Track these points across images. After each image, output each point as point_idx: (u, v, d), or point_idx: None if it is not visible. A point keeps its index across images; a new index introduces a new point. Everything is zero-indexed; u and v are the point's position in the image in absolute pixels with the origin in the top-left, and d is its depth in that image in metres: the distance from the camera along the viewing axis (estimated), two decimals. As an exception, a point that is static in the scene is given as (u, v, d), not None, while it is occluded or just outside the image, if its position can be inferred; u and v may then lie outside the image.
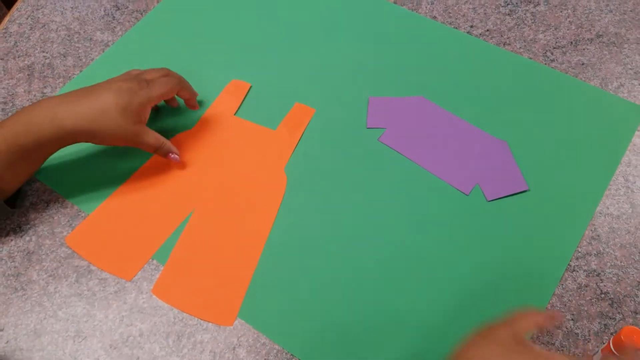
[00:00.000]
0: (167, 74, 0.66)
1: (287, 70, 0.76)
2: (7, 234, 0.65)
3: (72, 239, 0.64)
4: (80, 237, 0.64)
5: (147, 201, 0.66)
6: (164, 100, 0.71)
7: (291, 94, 0.74)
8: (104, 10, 0.84)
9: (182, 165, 0.68)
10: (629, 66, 0.74)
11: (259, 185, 0.67)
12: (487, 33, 0.77)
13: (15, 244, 0.64)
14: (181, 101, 0.73)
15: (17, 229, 0.65)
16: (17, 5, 0.86)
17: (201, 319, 0.59)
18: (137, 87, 0.62)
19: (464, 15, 0.79)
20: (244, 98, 0.73)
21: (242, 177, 0.67)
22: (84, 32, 0.82)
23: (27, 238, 0.64)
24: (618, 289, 0.59)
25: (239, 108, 0.73)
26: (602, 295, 0.59)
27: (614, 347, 0.50)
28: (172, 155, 0.66)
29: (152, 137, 0.63)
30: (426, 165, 0.67)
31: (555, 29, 0.77)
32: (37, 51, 0.80)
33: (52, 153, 0.62)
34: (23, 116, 0.58)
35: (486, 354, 0.44)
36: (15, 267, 0.63)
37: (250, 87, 0.74)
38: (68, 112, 0.58)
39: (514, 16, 0.79)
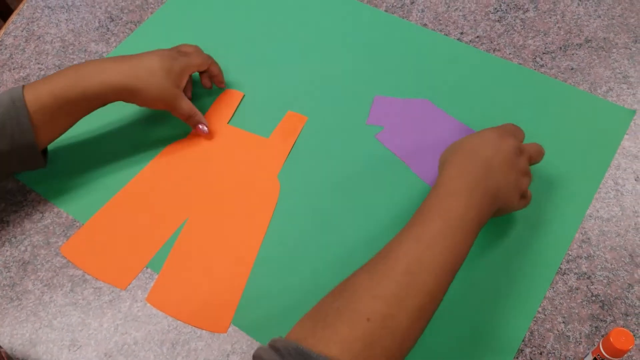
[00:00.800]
0: (199, 49, 0.72)
1: (280, 78, 0.77)
2: (3, 244, 0.65)
3: (67, 248, 0.65)
4: (75, 246, 0.65)
5: (141, 210, 0.67)
6: (201, 79, 0.75)
7: (284, 102, 0.75)
8: (99, 22, 0.85)
9: (210, 135, 0.71)
10: (618, 70, 0.74)
11: (252, 192, 0.67)
12: (477, 39, 0.78)
13: (10, 254, 0.65)
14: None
15: (13, 239, 0.66)
16: (13, 18, 0.87)
17: (195, 327, 0.59)
18: (177, 55, 0.67)
19: (454, 22, 0.80)
20: (237, 107, 0.74)
21: (235, 185, 0.68)
22: (79, 43, 0.83)
23: (23, 248, 0.65)
24: (608, 291, 0.60)
25: (232, 117, 0.73)
26: (593, 298, 0.59)
27: (603, 349, 0.50)
28: (201, 127, 0.70)
29: (187, 104, 0.68)
30: (416, 169, 0.67)
31: (545, 34, 0.78)
32: (32, 63, 0.81)
33: (94, 109, 0.64)
34: (71, 71, 0.62)
35: (485, 133, 0.57)
36: (10, 277, 0.63)
37: (243, 96, 0.75)
38: (116, 69, 0.62)
39: (504, 22, 0.80)
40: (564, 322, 0.58)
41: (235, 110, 0.74)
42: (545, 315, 0.59)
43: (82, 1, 0.88)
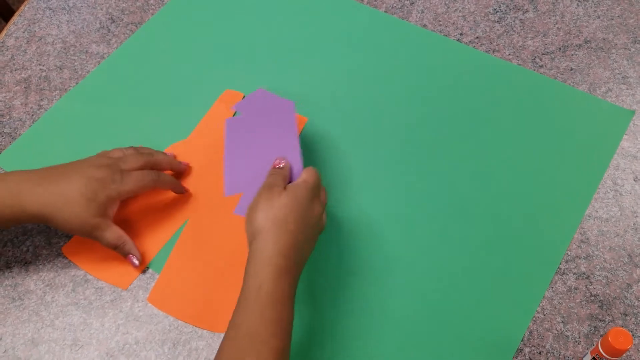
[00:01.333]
0: (145, 165, 0.63)
1: (280, 79, 0.77)
2: (5, 245, 0.66)
3: (68, 248, 0.65)
4: (76, 246, 0.65)
5: (142, 210, 0.67)
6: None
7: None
8: (100, 23, 0.85)
9: (140, 268, 0.63)
10: (617, 71, 0.75)
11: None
12: (476, 40, 0.79)
13: (12, 255, 0.65)
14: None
15: (15, 240, 0.66)
16: (14, 19, 0.87)
17: (196, 327, 0.59)
18: (109, 178, 0.59)
19: (453, 23, 0.80)
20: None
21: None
22: (80, 44, 0.83)
23: (24, 248, 0.65)
24: (607, 291, 0.60)
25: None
26: (592, 298, 0.60)
27: (602, 348, 0.50)
28: (132, 258, 0.62)
29: (113, 233, 0.60)
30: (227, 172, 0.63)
31: (544, 35, 0.78)
32: (33, 64, 0.81)
33: (5, 229, 0.60)
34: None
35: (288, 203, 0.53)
36: (12, 277, 0.64)
37: (243, 96, 0.75)
38: (32, 194, 0.57)
39: (503, 23, 0.80)
40: (563, 322, 0.58)
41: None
42: (544, 315, 0.59)
43: (83, 2, 0.88)
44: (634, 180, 0.66)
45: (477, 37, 0.79)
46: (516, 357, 0.57)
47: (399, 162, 0.69)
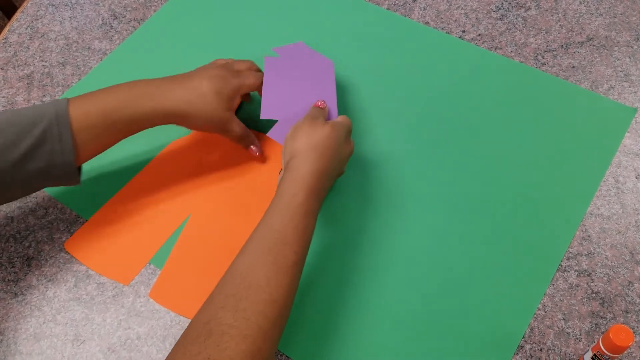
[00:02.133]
0: (253, 67, 0.69)
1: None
2: (7, 240, 0.66)
3: (71, 244, 0.65)
4: (79, 242, 0.65)
5: (145, 206, 0.67)
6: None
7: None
8: (102, 20, 0.86)
9: (262, 159, 0.70)
10: (619, 69, 0.75)
11: (255, 188, 0.68)
12: (478, 37, 0.79)
13: (15, 250, 0.65)
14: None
15: (17, 235, 0.66)
16: (17, 15, 0.87)
17: None
18: (230, 75, 0.64)
19: (455, 21, 0.80)
20: (241, 103, 0.74)
21: (238, 180, 0.68)
22: (82, 41, 0.83)
23: (27, 244, 0.66)
24: (609, 288, 0.60)
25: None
26: (593, 295, 0.60)
27: (603, 345, 0.50)
28: (254, 149, 0.68)
29: (239, 127, 0.66)
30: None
31: (546, 32, 0.78)
32: (36, 60, 0.81)
33: (139, 131, 0.62)
34: (122, 92, 0.60)
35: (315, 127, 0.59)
36: (15, 273, 0.64)
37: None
38: (167, 93, 0.61)
39: (505, 21, 0.80)
40: (564, 319, 0.58)
41: (239, 106, 0.74)
42: (545, 312, 0.59)
43: (86, -1, 0.88)
44: (636, 178, 0.66)
45: (479, 35, 0.79)
46: (517, 354, 0.57)
47: (397, 160, 0.69)
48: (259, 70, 0.69)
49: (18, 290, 0.63)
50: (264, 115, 0.65)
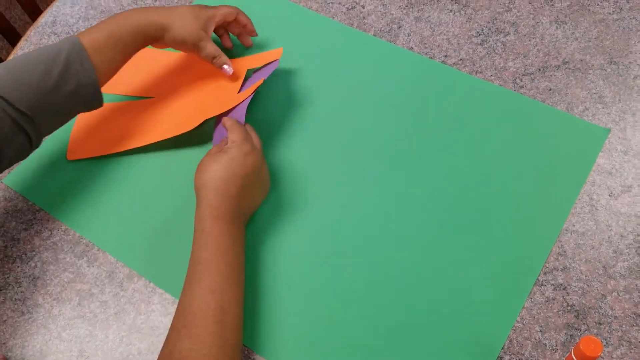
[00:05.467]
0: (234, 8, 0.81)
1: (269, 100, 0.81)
2: (14, 261, 0.69)
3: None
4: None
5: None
6: (224, 38, 0.85)
7: (267, 124, 0.78)
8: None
9: (234, 77, 0.78)
10: (593, 91, 0.79)
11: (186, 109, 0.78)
12: (460, 62, 0.83)
13: (21, 270, 0.69)
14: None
15: (23, 256, 0.70)
16: (21, 44, 0.91)
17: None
18: (207, 7, 0.77)
19: (438, 46, 0.85)
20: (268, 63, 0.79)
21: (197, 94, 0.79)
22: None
23: (33, 264, 0.69)
24: (583, 301, 0.64)
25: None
26: (569, 308, 0.63)
27: (575, 356, 0.54)
28: (226, 67, 0.76)
29: (212, 46, 0.75)
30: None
31: (524, 57, 0.82)
32: (39, 87, 0.85)
33: (140, 48, 0.73)
34: (119, 15, 0.71)
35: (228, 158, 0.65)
36: (22, 292, 0.67)
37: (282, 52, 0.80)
38: (155, 10, 0.73)
39: (485, 46, 0.84)
40: (541, 331, 0.62)
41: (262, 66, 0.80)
42: (523, 324, 0.63)
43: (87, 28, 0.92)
44: (609, 196, 0.70)
45: (460, 59, 0.83)
46: (496, 364, 0.60)
47: (380, 178, 0.73)
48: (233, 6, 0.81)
49: (25, 308, 0.66)
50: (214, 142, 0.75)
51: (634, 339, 0.61)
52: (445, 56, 0.83)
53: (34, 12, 1.12)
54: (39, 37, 0.91)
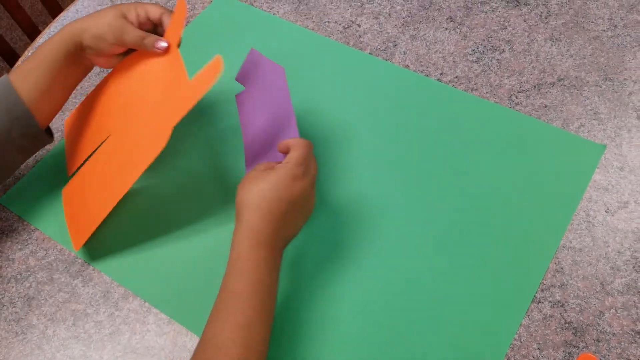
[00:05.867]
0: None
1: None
2: (9, 281, 0.69)
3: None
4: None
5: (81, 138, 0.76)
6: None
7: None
8: (101, 69, 0.90)
9: (168, 49, 0.69)
10: (589, 107, 0.79)
11: (142, 133, 0.68)
12: (456, 80, 0.83)
13: (16, 290, 0.68)
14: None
15: (18, 276, 0.69)
16: (18, 64, 0.92)
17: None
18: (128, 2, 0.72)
19: (434, 64, 0.85)
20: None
21: (135, 117, 0.70)
22: (82, 88, 0.87)
23: (27, 284, 0.69)
24: (581, 318, 0.63)
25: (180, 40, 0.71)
26: (566, 325, 0.63)
27: (573, 374, 0.54)
28: (159, 44, 0.69)
29: (135, 31, 0.69)
30: (245, 141, 0.72)
31: (520, 74, 0.83)
32: (37, 107, 0.85)
33: (79, 71, 0.71)
34: (48, 40, 0.69)
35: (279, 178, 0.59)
36: (16, 312, 0.67)
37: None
38: (74, 22, 0.69)
39: (481, 63, 0.84)
40: (539, 349, 0.62)
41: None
42: (521, 342, 0.62)
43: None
44: (606, 212, 0.70)
45: (456, 77, 0.83)
46: (494, 383, 0.60)
47: (373, 194, 0.73)
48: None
49: (19, 329, 0.66)
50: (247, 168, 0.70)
51: (633, 356, 0.60)
52: (441, 74, 0.84)
53: (34, 33, 1.13)
54: (37, 58, 0.92)
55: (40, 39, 0.94)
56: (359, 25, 0.91)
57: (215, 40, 0.92)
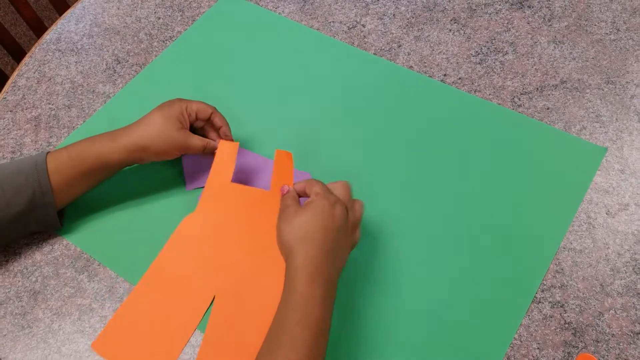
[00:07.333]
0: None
1: (272, 120, 0.82)
2: (15, 275, 0.70)
3: (98, 344, 0.64)
4: (106, 341, 0.64)
5: (167, 295, 0.67)
6: (208, 140, 0.73)
7: (277, 144, 0.79)
8: (106, 64, 0.91)
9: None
10: (591, 110, 0.80)
11: (271, 258, 0.66)
12: (459, 81, 0.84)
13: (22, 285, 0.69)
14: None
15: (24, 270, 0.70)
16: (25, 60, 0.92)
17: None
18: (176, 100, 0.71)
19: (438, 65, 0.86)
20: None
21: (258, 250, 0.68)
22: (87, 84, 0.88)
23: (34, 279, 0.69)
24: (580, 319, 0.64)
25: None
26: (566, 325, 0.64)
27: (572, 373, 0.54)
28: (218, 144, 0.72)
29: (197, 139, 0.71)
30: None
31: (522, 76, 0.84)
32: (43, 103, 0.86)
33: (107, 174, 0.69)
34: (88, 139, 0.68)
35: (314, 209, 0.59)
36: (22, 307, 0.68)
37: (239, 144, 0.74)
38: (124, 132, 0.68)
39: (484, 65, 0.85)
40: (538, 348, 0.62)
41: (234, 165, 0.72)
42: (521, 341, 0.63)
43: (91, 45, 0.94)
44: (606, 214, 0.71)
45: (459, 78, 0.84)
46: (494, 382, 0.60)
47: (376, 194, 0.73)
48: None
49: (25, 323, 0.66)
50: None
51: (631, 356, 0.61)
52: (445, 75, 0.85)
53: (39, 28, 1.14)
54: (43, 54, 0.93)
55: (46, 36, 0.95)
56: (363, 26, 0.92)
57: (220, 39, 0.92)
